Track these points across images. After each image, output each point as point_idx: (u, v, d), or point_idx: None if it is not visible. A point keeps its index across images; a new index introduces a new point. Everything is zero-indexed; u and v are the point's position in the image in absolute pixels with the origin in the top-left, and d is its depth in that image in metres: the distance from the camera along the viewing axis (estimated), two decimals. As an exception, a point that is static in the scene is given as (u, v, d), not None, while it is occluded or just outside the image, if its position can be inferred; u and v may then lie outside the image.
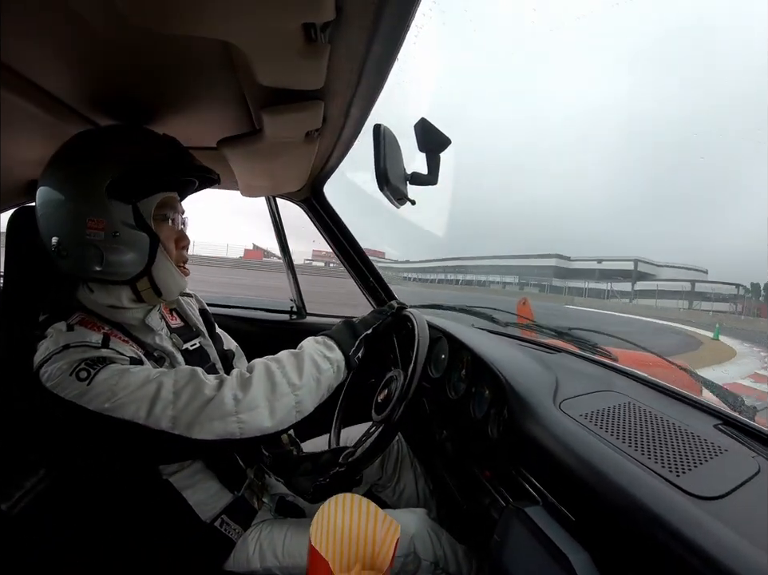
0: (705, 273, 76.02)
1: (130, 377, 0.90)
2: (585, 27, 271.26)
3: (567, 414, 1.01)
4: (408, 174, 1.24)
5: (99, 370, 0.89)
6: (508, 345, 1.62)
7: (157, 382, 0.91)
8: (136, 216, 1.00)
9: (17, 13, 0.65)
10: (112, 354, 0.95)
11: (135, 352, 1.02)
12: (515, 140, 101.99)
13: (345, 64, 0.84)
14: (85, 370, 0.89)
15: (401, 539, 1.16)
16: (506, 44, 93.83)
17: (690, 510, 0.68)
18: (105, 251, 0.98)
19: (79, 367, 0.89)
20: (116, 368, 0.91)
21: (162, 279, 1.06)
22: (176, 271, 1.09)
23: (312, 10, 0.62)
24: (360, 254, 2.17)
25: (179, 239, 1.10)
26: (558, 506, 0.84)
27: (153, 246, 1.02)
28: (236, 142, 1.16)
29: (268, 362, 1.02)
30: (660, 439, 0.90)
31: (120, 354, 0.97)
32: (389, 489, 1.56)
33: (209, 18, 0.64)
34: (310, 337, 1.14)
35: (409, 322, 1.29)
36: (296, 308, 2.35)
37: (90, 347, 0.94)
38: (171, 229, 1.08)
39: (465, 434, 1.27)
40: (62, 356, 0.92)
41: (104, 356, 0.93)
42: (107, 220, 0.97)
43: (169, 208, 1.07)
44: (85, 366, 0.89)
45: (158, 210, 1.04)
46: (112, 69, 0.88)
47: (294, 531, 1.18)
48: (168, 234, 1.06)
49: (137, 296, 1.06)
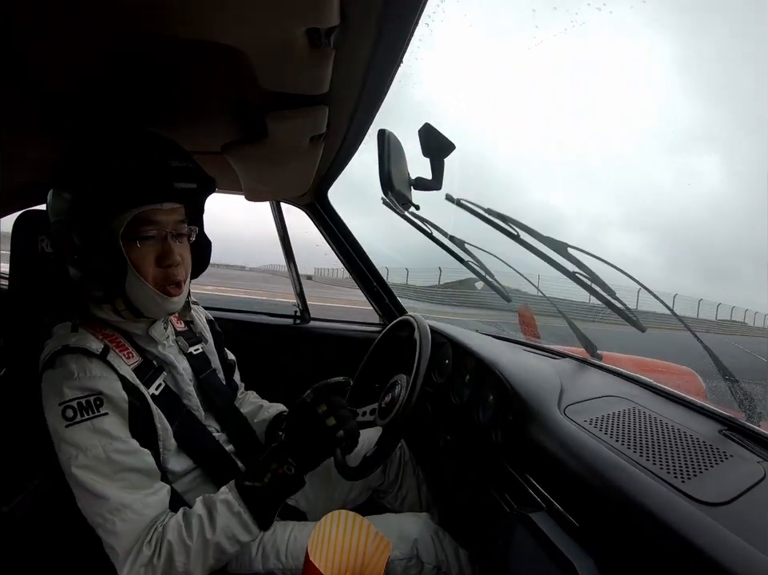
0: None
1: (98, 460, 0.91)
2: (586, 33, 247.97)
3: (572, 420, 1.00)
4: (412, 179, 1.25)
5: (83, 421, 0.91)
6: (512, 350, 1.62)
7: (110, 495, 0.91)
8: (100, 237, 0.95)
9: (24, 15, 0.66)
10: (110, 396, 0.95)
11: (131, 375, 1.01)
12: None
13: (350, 69, 0.84)
14: (73, 409, 0.91)
15: (404, 543, 1.17)
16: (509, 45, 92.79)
17: (696, 516, 0.68)
18: (76, 270, 1.01)
19: (69, 403, 0.91)
20: (99, 428, 0.92)
21: (137, 300, 1.02)
22: (155, 293, 1.01)
23: (317, 16, 0.62)
24: (364, 259, 2.17)
25: (160, 258, 1.00)
26: (563, 512, 0.83)
27: (119, 268, 0.97)
28: (241, 147, 1.16)
29: (174, 548, 0.93)
30: (665, 445, 0.89)
31: (119, 388, 0.97)
32: (392, 495, 1.55)
33: (214, 24, 0.64)
34: (227, 501, 0.98)
35: (411, 327, 1.29)
36: (299, 313, 2.35)
37: (89, 357, 0.96)
38: (145, 248, 0.98)
39: (469, 440, 1.27)
40: (60, 366, 0.95)
41: (99, 399, 0.94)
42: (70, 243, 0.98)
43: (145, 224, 0.97)
44: (76, 406, 0.91)
45: (130, 229, 0.95)
46: (117, 73, 0.88)
47: (297, 533, 1.17)
48: (141, 254, 0.98)
49: (120, 315, 1.04)
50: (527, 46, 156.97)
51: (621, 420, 1.00)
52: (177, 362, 1.15)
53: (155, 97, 1.00)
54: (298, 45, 0.69)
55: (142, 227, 0.97)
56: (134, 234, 0.96)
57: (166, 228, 1.00)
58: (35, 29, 0.70)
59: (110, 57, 0.81)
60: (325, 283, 36.08)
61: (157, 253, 1.00)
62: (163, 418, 1.05)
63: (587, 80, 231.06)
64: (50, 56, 0.80)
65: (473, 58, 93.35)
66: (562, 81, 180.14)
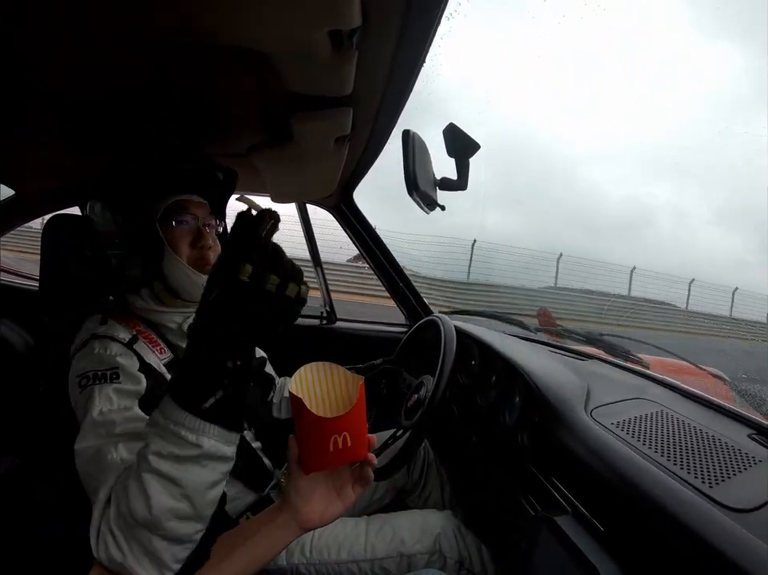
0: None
1: (94, 421, 0.87)
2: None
3: (598, 422, 0.99)
4: (437, 179, 1.25)
5: (93, 385, 0.92)
6: (538, 351, 1.61)
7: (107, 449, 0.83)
8: (139, 223, 1.05)
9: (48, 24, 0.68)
10: (128, 373, 0.95)
11: (158, 365, 1.03)
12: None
13: (373, 70, 0.84)
14: (87, 378, 0.93)
15: (427, 537, 1.19)
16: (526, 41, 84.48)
17: (723, 522, 0.66)
18: (116, 253, 1.07)
19: (86, 374, 0.93)
20: (104, 393, 0.90)
21: (174, 279, 1.07)
22: (189, 270, 1.07)
23: (339, 17, 0.62)
24: (390, 260, 2.17)
25: (195, 239, 1.10)
26: (588, 516, 0.82)
27: (156, 248, 1.05)
28: (266, 149, 1.18)
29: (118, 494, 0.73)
30: (693, 449, 0.88)
31: (137, 369, 0.97)
32: (415, 495, 1.56)
33: (237, 28, 0.65)
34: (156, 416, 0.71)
35: (437, 328, 1.29)
36: (326, 313, 2.36)
37: (114, 341, 0.99)
38: (179, 231, 1.08)
39: (495, 441, 1.26)
40: (86, 351, 0.98)
41: (115, 373, 0.94)
42: (113, 233, 1.07)
43: (180, 210, 1.08)
44: (91, 376, 0.93)
45: (166, 215, 1.06)
46: (142, 81, 0.90)
47: (321, 530, 1.18)
48: (177, 235, 1.08)
49: (158, 298, 1.09)
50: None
51: (648, 423, 0.99)
52: None
53: (180, 103, 1.02)
54: (320, 47, 0.69)
55: (177, 213, 1.07)
56: (170, 219, 1.07)
57: (198, 215, 1.10)
58: (60, 40, 0.72)
59: (135, 65, 0.83)
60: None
61: (192, 236, 1.10)
62: None
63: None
64: (78, 68, 0.82)
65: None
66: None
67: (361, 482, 0.85)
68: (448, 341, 1.21)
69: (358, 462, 0.84)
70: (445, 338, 1.22)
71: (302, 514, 0.81)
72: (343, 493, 0.84)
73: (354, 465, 0.85)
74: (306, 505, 0.81)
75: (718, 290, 13.83)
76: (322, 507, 0.82)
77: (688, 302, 14.23)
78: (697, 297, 14.22)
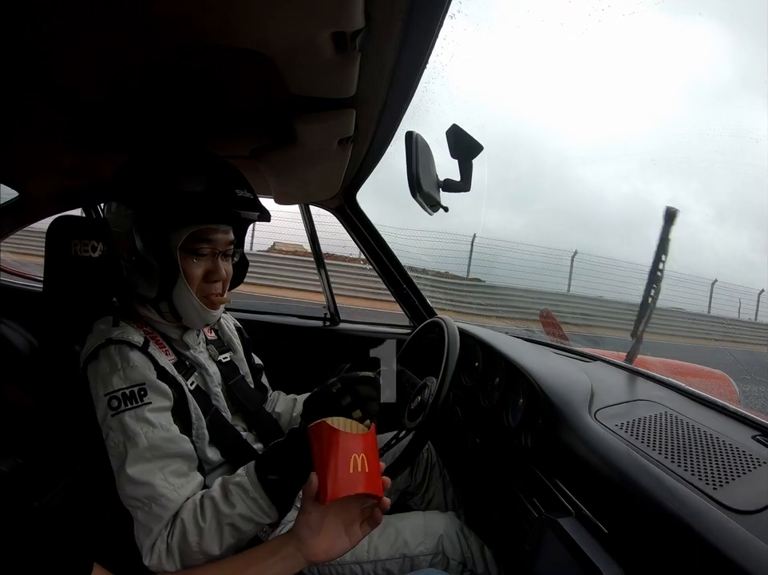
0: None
1: (141, 446, 0.94)
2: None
3: (602, 424, 0.99)
4: (441, 181, 1.24)
5: (128, 410, 0.96)
6: (542, 353, 1.61)
7: (149, 481, 0.94)
8: (160, 246, 1.04)
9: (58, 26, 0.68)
10: (154, 387, 0.99)
11: (170, 367, 1.06)
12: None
13: (376, 71, 0.85)
14: (118, 399, 0.96)
15: (430, 538, 1.19)
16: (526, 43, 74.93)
17: (727, 524, 0.66)
18: (127, 271, 1.07)
19: (114, 394, 0.96)
20: (142, 417, 0.96)
21: (182, 307, 1.09)
22: (198, 303, 1.08)
23: (342, 19, 0.62)
24: (393, 261, 2.17)
25: (209, 273, 1.10)
26: (591, 518, 0.82)
27: (171, 275, 1.05)
28: (269, 151, 1.18)
29: (187, 528, 0.94)
30: (697, 450, 0.87)
31: (156, 377, 1.01)
32: (418, 496, 1.56)
33: (241, 30, 0.65)
34: (241, 485, 0.96)
35: (440, 329, 1.29)
36: (329, 315, 2.36)
37: (131, 348, 1.01)
38: (198, 263, 1.07)
39: (498, 443, 1.26)
40: (104, 357, 1.00)
41: (142, 389, 0.98)
42: (130, 244, 1.05)
43: (201, 241, 1.06)
44: (121, 397, 0.96)
45: (187, 242, 1.04)
46: (146, 82, 0.91)
47: None
48: (193, 267, 1.07)
49: (161, 314, 1.11)
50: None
51: (652, 424, 0.98)
52: (208, 365, 1.19)
53: (184, 105, 1.02)
54: (324, 48, 0.69)
55: (198, 243, 1.06)
56: (190, 248, 1.06)
57: (218, 247, 1.10)
58: (68, 41, 0.72)
59: (140, 66, 0.83)
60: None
61: (207, 269, 1.10)
62: (197, 409, 1.09)
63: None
64: (82, 67, 0.83)
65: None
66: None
67: (370, 522, 0.88)
68: (451, 343, 1.21)
69: (370, 502, 0.87)
70: (448, 339, 1.22)
71: (308, 547, 0.84)
72: (351, 530, 0.86)
73: (366, 505, 0.87)
74: (314, 538, 0.84)
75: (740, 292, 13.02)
76: (330, 542, 0.85)
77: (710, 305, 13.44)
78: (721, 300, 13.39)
